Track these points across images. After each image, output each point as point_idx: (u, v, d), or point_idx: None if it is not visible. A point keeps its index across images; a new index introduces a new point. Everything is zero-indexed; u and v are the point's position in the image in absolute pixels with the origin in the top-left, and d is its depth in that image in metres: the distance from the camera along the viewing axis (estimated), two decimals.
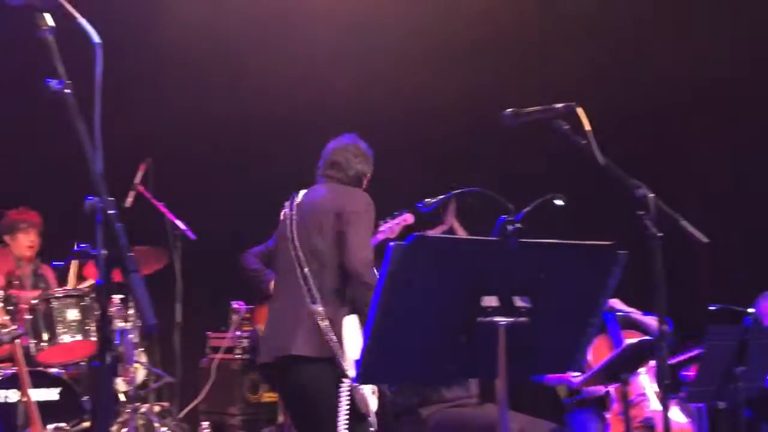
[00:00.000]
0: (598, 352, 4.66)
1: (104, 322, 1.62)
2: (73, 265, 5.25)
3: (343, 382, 3.28)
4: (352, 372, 3.24)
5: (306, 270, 3.42)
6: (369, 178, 3.76)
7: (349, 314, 3.37)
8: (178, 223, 5.52)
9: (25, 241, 5.32)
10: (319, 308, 3.35)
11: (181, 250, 5.52)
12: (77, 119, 1.63)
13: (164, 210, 5.52)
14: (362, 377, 2.10)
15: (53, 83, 1.68)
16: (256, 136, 6.83)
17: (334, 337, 3.30)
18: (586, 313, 2.36)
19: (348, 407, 3.24)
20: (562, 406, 5.01)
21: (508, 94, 5.99)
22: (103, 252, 1.52)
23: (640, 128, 6.34)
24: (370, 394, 3.36)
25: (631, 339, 4.29)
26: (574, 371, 4.37)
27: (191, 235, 5.54)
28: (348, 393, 3.26)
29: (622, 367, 3.99)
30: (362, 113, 6.73)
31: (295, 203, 3.66)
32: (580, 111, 2.80)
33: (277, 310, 3.56)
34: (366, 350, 2.07)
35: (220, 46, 6.53)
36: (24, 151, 6.09)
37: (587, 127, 2.76)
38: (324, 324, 3.31)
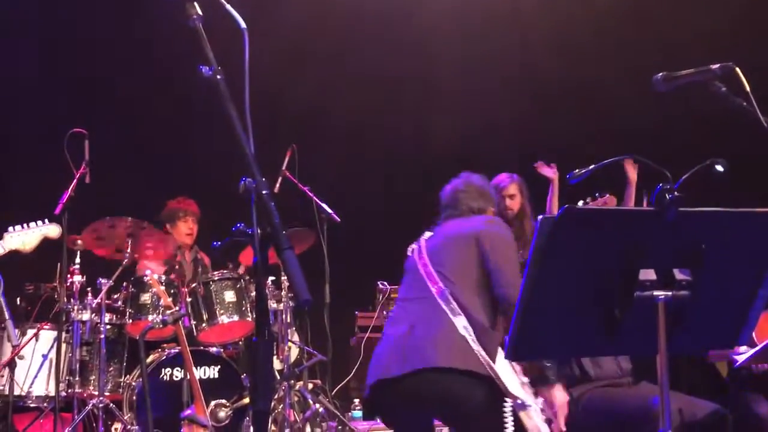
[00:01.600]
0: (765, 328, 4.39)
1: (261, 298, 1.67)
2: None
3: (506, 402, 3.03)
4: (518, 393, 3.03)
5: (446, 289, 3.18)
6: (494, 212, 3.61)
7: (499, 342, 3.13)
8: (324, 206, 5.64)
9: (185, 229, 5.61)
10: (470, 328, 3.08)
11: (327, 232, 5.64)
12: (229, 104, 1.68)
13: (310, 194, 5.66)
14: (511, 352, 2.05)
15: (205, 69, 1.74)
16: (398, 121, 6.90)
17: (487, 357, 3.03)
18: (752, 284, 2.21)
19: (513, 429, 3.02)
20: (724, 385, 4.76)
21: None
22: (258, 231, 1.56)
23: None
24: (541, 421, 3.12)
25: None
26: (740, 347, 4.16)
27: (336, 218, 5.65)
28: (512, 415, 3.02)
29: None
30: (465, 88, 6.67)
31: (422, 239, 3.51)
32: (738, 71, 2.63)
33: (404, 332, 3.16)
34: (515, 325, 2.03)
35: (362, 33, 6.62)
36: (182, 141, 6.41)
37: (747, 87, 2.59)
38: (473, 340, 3.04)
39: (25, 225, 4.15)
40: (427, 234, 3.57)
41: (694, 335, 2.24)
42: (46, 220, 4.26)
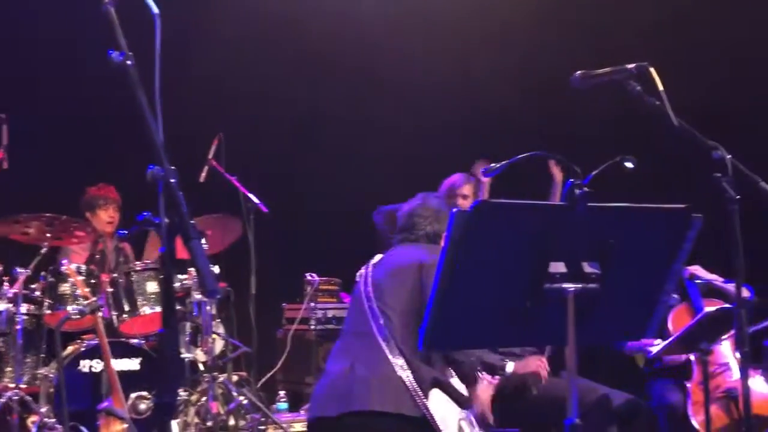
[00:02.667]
0: (679, 321, 4.55)
1: (168, 289, 1.64)
2: (152, 237, 5.35)
3: None
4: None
5: (385, 328, 3.16)
6: None
7: (434, 380, 3.15)
8: (251, 196, 5.59)
9: (105, 217, 5.48)
10: (406, 367, 3.09)
11: (254, 223, 5.59)
12: (139, 90, 1.66)
13: (237, 184, 5.60)
14: (426, 344, 2.08)
15: (115, 55, 1.71)
16: (330, 111, 6.88)
17: (423, 396, 3.04)
18: (659, 279, 2.29)
19: None
20: (641, 376, 4.91)
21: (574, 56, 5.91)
22: (165, 220, 1.54)
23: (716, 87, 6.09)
24: None
25: (711, 307, 4.16)
26: (653, 339, 4.30)
27: (264, 208, 5.61)
28: None
29: (701, 336, 3.88)
30: (415, 84, 6.72)
31: (371, 264, 3.48)
32: (652, 71, 2.71)
33: (344, 370, 3.17)
34: (430, 316, 2.06)
35: (288, 22, 6.58)
36: (99, 128, 6.26)
37: (660, 87, 2.66)
38: (410, 381, 3.05)
39: None
40: (377, 257, 3.54)
41: (603, 327, 2.31)
42: None
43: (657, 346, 4.30)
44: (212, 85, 6.39)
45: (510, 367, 3.57)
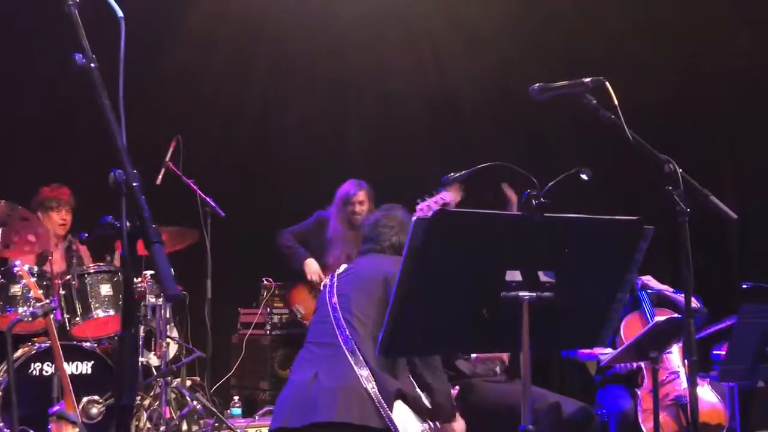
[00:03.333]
0: (630, 329, 4.64)
1: (128, 294, 1.64)
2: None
3: None
4: None
5: (351, 338, 3.16)
6: None
7: (398, 391, 3.12)
8: (209, 200, 5.56)
9: (57, 220, 5.39)
10: (371, 378, 3.07)
11: (210, 226, 5.56)
12: (102, 94, 1.65)
13: (194, 187, 5.56)
14: (384, 349, 2.10)
15: (78, 57, 1.70)
16: (288, 114, 6.87)
17: (387, 408, 3.03)
18: (612, 288, 2.34)
19: None
20: (592, 383, 5.00)
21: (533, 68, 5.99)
22: (127, 224, 1.54)
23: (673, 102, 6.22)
24: None
25: (662, 316, 4.25)
26: (604, 347, 4.38)
27: (220, 212, 5.58)
28: None
29: (651, 345, 3.96)
30: (382, 94, 6.76)
31: (336, 274, 3.48)
32: (607, 85, 2.77)
33: (308, 379, 3.15)
34: (388, 323, 2.08)
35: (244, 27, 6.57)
36: (57, 127, 6.16)
37: (615, 101, 2.73)
38: (375, 392, 3.04)
39: None
40: (342, 267, 3.54)
41: (557, 335, 2.36)
42: None
43: (608, 354, 4.38)
44: (173, 86, 6.34)
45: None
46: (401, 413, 3.09)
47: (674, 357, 4.61)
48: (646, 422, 4.42)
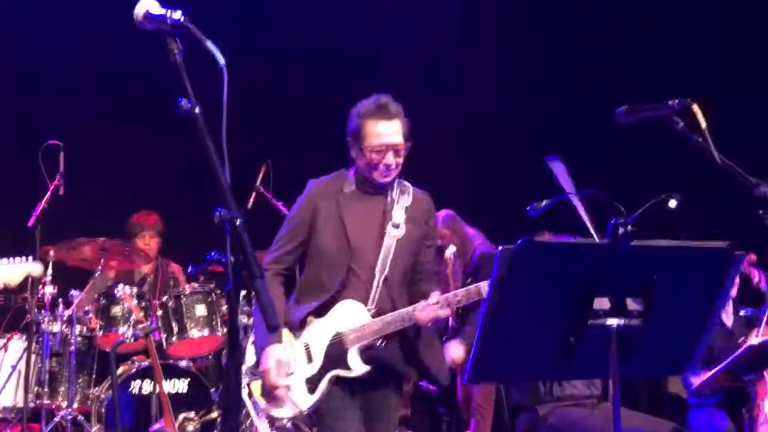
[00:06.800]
0: None
1: (232, 323, 1.75)
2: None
3: None
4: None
5: None
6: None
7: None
8: None
9: (141, 245, 5.63)
10: None
11: None
12: (206, 136, 1.77)
13: (284, 210, 5.71)
14: (473, 376, 2.15)
15: (184, 102, 1.83)
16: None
17: None
18: (701, 315, 2.33)
19: None
20: (683, 404, 4.89)
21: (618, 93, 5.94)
22: (231, 259, 1.65)
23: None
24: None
25: (755, 339, 4.15)
26: (694, 371, 4.29)
27: None
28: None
29: (745, 369, 3.88)
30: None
31: None
32: (695, 107, 2.75)
33: None
34: (476, 350, 2.13)
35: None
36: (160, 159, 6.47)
37: (703, 124, 2.70)
38: None
39: (10, 259, 4.11)
40: None
41: (646, 361, 2.35)
42: (30, 258, 4.22)
43: (698, 377, 4.29)
44: (259, 111, 6.54)
45: None
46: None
47: None
48: None
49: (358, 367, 3.12)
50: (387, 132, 3.10)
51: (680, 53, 6.34)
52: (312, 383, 3.13)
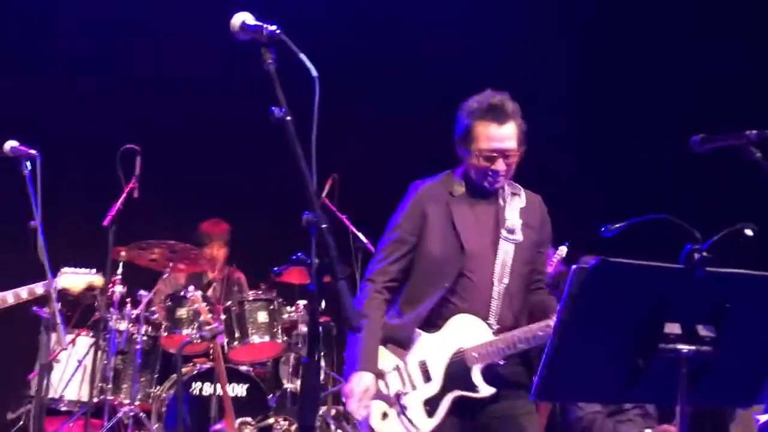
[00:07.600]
0: None
1: (313, 323, 1.82)
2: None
3: None
4: None
5: None
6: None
7: None
8: (360, 235, 5.78)
9: (207, 254, 5.77)
10: None
11: (361, 261, 5.76)
12: (296, 143, 1.85)
13: (347, 223, 5.79)
14: (540, 394, 2.17)
15: (276, 110, 1.91)
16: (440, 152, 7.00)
17: None
18: None
19: None
20: None
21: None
22: (316, 260, 1.72)
23: None
24: None
25: None
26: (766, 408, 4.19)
27: (372, 248, 5.78)
28: None
29: None
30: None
31: None
32: None
33: None
34: (545, 368, 2.14)
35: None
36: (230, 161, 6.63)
37: None
38: None
39: (76, 268, 4.29)
40: None
41: (715, 390, 2.33)
42: (94, 270, 4.40)
43: (765, 414, 4.19)
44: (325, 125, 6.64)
45: None
46: None
47: None
48: None
49: (483, 388, 2.87)
50: (499, 136, 2.85)
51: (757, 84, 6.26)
52: (431, 405, 2.89)
